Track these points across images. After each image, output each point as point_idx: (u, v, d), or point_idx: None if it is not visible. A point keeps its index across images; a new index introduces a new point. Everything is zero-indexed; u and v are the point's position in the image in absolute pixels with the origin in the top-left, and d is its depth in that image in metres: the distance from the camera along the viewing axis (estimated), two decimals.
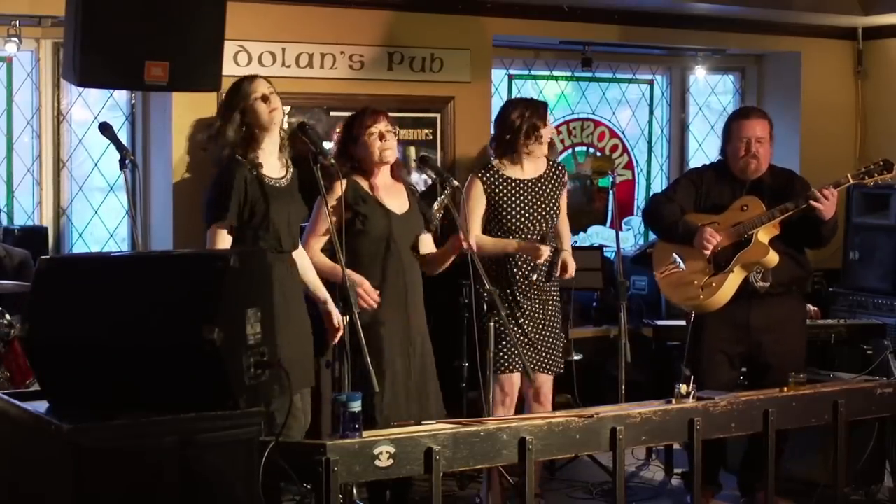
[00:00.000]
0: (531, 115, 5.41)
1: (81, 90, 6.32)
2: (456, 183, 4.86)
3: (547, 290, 5.44)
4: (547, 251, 5.22)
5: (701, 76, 8.31)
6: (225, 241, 4.53)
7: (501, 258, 5.37)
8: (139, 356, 3.41)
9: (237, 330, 3.44)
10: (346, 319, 4.37)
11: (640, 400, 4.91)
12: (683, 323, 5.68)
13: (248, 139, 4.59)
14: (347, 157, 5.01)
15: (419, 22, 6.82)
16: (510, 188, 5.41)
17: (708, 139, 8.42)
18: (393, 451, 3.91)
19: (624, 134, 8.23)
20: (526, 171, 5.46)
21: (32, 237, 6.12)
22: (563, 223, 5.58)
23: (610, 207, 7.90)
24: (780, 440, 4.93)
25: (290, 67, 6.38)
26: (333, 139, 5.99)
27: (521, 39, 7.51)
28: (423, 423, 4.31)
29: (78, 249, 6.50)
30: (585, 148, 8.06)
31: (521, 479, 4.31)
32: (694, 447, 4.60)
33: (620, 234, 5.97)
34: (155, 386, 3.39)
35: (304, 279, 4.75)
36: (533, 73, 7.82)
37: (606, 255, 7.10)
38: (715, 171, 5.59)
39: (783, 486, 5.25)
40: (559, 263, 5.33)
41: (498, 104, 7.47)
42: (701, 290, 5.38)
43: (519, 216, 5.39)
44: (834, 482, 5.03)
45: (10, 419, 3.55)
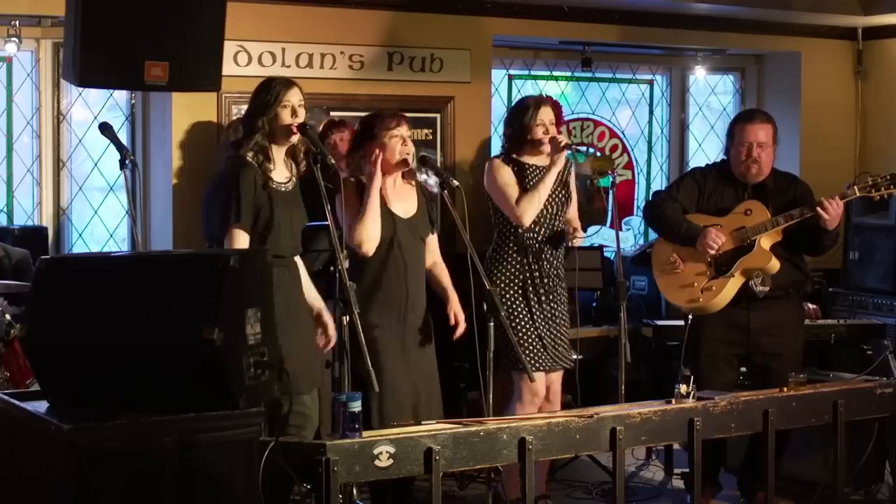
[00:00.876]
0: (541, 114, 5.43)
1: (81, 90, 6.32)
2: (456, 183, 4.85)
3: (557, 287, 5.45)
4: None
5: (701, 76, 8.31)
6: (244, 241, 4.43)
7: (527, 255, 5.37)
8: (139, 356, 3.41)
9: (237, 330, 3.45)
10: (346, 320, 4.36)
11: (640, 400, 4.91)
12: (683, 323, 5.68)
13: (266, 148, 4.52)
14: (360, 153, 4.94)
15: (419, 22, 6.82)
16: (530, 174, 5.41)
17: (708, 139, 8.43)
18: (393, 451, 3.91)
19: (624, 134, 8.23)
20: (538, 160, 5.46)
21: (32, 237, 6.12)
22: (572, 212, 5.62)
23: (610, 207, 7.89)
24: (779, 440, 4.93)
25: (290, 67, 6.38)
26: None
27: (521, 39, 7.51)
28: (423, 423, 4.31)
29: (78, 249, 6.50)
30: (585, 148, 8.06)
31: (521, 479, 4.31)
32: (694, 447, 4.60)
33: (620, 234, 5.95)
34: (155, 386, 3.39)
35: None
36: (533, 73, 7.82)
37: (606, 255, 7.10)
38: (719, 172, 5.58)
39: (783, 486, 5.26)
40: (570, 231, 5.41)
41: (498, 104, 7.50)
42: (701, 292, 5.39)
43: None
44: (834, 482, 5.03)
45: (10, 419, 3.56)
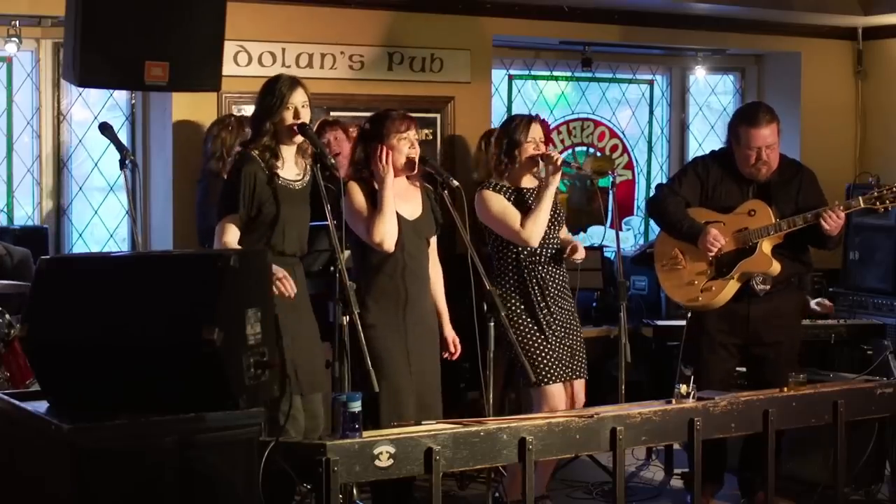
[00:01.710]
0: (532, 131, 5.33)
1: (81, 90, 6.32)
2: (455, 183, 4.85)
3: (565, 298, 5.40)
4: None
5: (701, 76, 8.32)
6: (232, 232, 4.44)
7: (527, 273, 5.33)
8: (139, 356, 3.41)
9: (237, 330, 3.45)
10: (346, 320, 4.36)
11: (640, 400, 4.91)
12: (684, 323, 5.68)
13: (273, 148, 4.53)
14: (367, 151, 4.90)
15: (419, 22, 6.82)
16: (521, 197, 5.32)
17: (708, 139, 8.43)
18: (393, 451, 3.91)
19: (624, 134, 8.23)
20: (524, 182, 5.39)
21: (32, 237, 6.12)
22: (563, 233, 5.52)
23: (610, 207, 7.89)
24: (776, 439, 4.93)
25: (290, 67, 6.37)
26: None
27: (521, 39, 7.51)
28: (423, 423, 4.31)
29: (78, 249, 6.50)
30: (585, 148, 8.06)
31: (522, 479, 4.30)
32: (694, 447, 4.60)
33: (620, 234, 5.96)
34: (155, 386, 3.39)
35: None
36: (533, 73, 7.82)
37: (606, 255, 7.10)
38: (722, 164, 5.52)
39: (783, 486, 5.26)
40: (569, 248, 5.34)
41: (498, 104, 7.50)
42: (700, 292, 5.40)
43: None
44: (834, 482, 5.03)
45: (10, 419, 3.56)
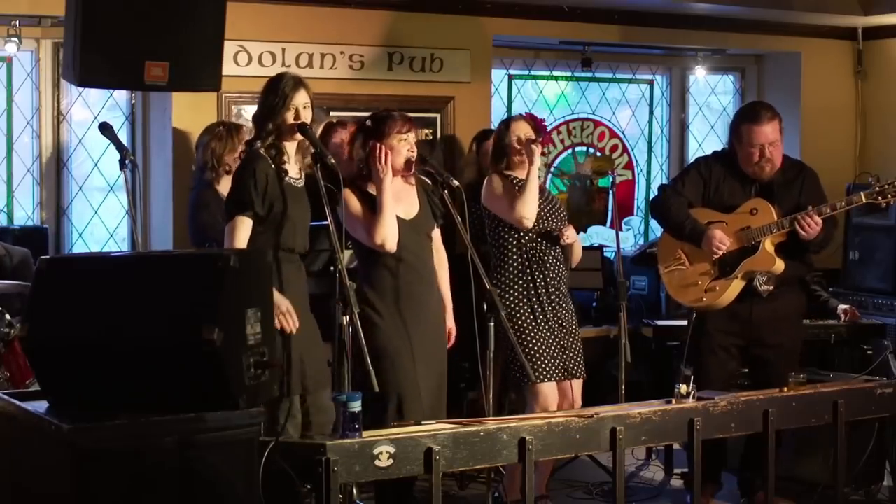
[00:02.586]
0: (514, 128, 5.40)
1: (81, 90, 6.32)
2: (456, 183, 4.85)
3: (563, 296, 5.42)
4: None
5: (701, 76, 8.32)
6: (245, 230, 4.44)
7: (529, 265, 5.35)
8: (139, 356, 3.41)
9: (237, 330, 3.45)
10: (346, 319, 4.37)
11: (640, 400, 4.91)
12: (684, 323, 5.68)
13: (278, 146, 4.55)
14: (364, 150, 4.93)
15: (419, 22, 6.82)
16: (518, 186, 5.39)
17: (708, 139, 8.43)
18: (393, 451, 3.91)
19: (624, 134, 8.23)
20: (521, 174, 5.42)
21: (32, 237, 6.12)
22: None
23: (610, 207, 7.90)
24: (776, 440, 4.93)
25: (289, 67, 6.36)
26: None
27: (521, 39, 7.51)
28: (422, 423, 4.31)
29: (78, 249, 6.50)
30: (585, 148, 8.06)
31: (521, 479, 4.31)
32: (694, 447, 4.60)
33: (620, 234, 5.96)
34: (155, 386, 3.40)
35: None
36: (533, 73, 7.82)
37: (606, 255, 7.10)
38: (724, 164, 5.52)
39: (783, 486, 5.26)
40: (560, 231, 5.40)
41: (498, 104, 7.50)
42: (705, 292, 5.39)
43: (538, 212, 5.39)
44: (834, 482, 5.03)
45: (10, 419, 3.56)
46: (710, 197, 5.49)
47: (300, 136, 4.56)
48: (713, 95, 8.48)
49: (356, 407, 3.87)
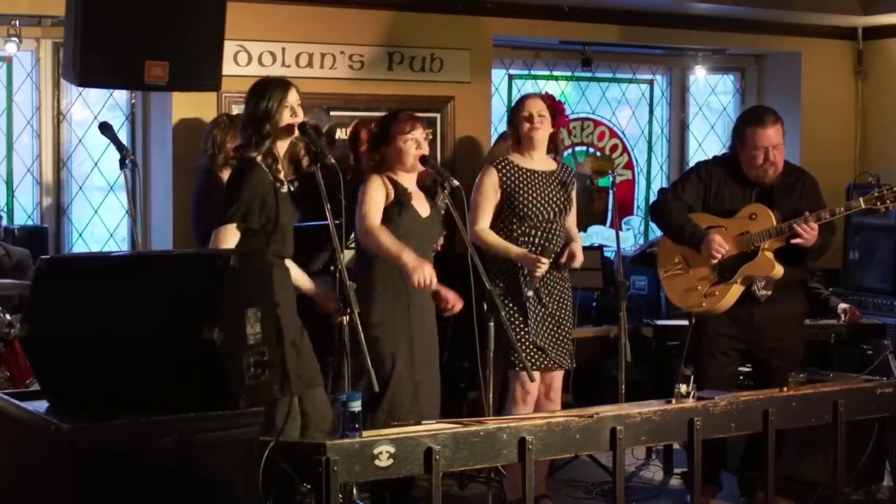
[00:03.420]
0: (527, 105, 5.52)
1: (81, 90, 6.32)
2: (456, 183, 4.86)
3: (563, 286, 5.47)
4: (545, 266, 5.26)
5: (701, 76, 8.31)
6: (230, 241, 4.41)
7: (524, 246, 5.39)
8: (139, 356, 3.41)
9: (237, 330, 3.44)
10: (346, 319, 4.37)
11: (640, 400, 4.91)
12: (684, 323, 5.68)
13: (274, 152, 4.53)
14: (378, 155, 5.07)
15: (419, 22, 6.82)
16: (525, 178, 5.44)
17: (708, 139, 8.43)
18: (393, 450, 3.91)
19: (624, 134, 8.23)
20: (537, 163, 5.48)
21: (32, 237, 6.12)
22: (571, 219, 5.62)
23: (610, 207, 7.90)
24: (779, 440, 4.93)
25: (290, 67, 6.38)
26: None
27: (521, 39, 7.51)
28: (422, 422, 4.31)
29: (78, 249, 6.50)
30: (585, 148, 8.06)
31: (521, 479, 4.30)
32: (694, 447, 4.60)
33: (620, 234, 5.96)
34: (155, 386, 3.40)
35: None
36: (533, 73, 7.82)
37: (606, 255, 7.10)
38: (725, 168, 5.52)
39: (783, 486, 5.26)
40: (566, 252, 5.41)
41: (498, 104, 7.50)
42: (704, 297, 5.40)
43: (532, 205, 5.41)
44: (834, 482, 5.03)
45: (10, 419, 3.56)
46: (710, 202, 5.49)
47: (292, 136, 4.53)
48: (713, 95, 8.48)
49: (356, 407, 3.87)
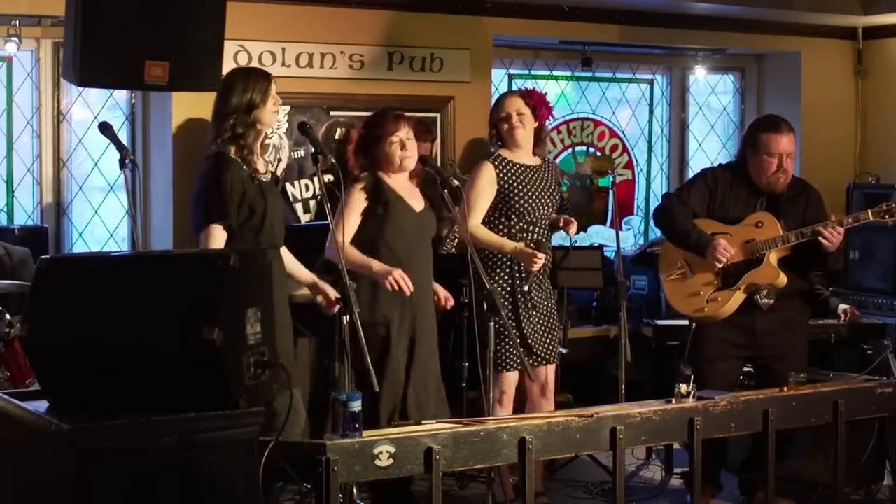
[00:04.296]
0: (505, 105, 5.59)
1: (81, 90, 6.32)
2: (456, 183, 4.87)
3: (544, 281, 5.51)
4: (542, 261, 5.27)
5: (701, 76, 8.31)
6: (218, 240, 4.44)
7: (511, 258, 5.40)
8: (139, 356, 3.41)
9: (237, 330, 3.44)
10: (345, 319, 4.37)
11: (640, 400, 4.91)
12: (684, 323, 5.68)
13: (251, 144, 4.55)
14: (367, 154, 5.07)
15: (419, 22, 6.82)
16: (520, 173, 5.47)
17: (708, 139, 8.43)
18: (393, 450, 3.91)
19: (624, 134, 8.23)
20: (526, 159, 5.50)
21: (32, 237, 6.12)
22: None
23: (610, 207, 7.90)
24: (783, 441, 4.93)
25: (290, 67, 6.38)
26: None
27: (521, 39, 7.51)
28: (422, 422, 4.31)
29: (78, 249, 6.50)
30: (585, 148, 8.06)
31: (520, 479, 4.31)
32: (694, 447, 4.60)
33: (620, 233, 5.96)
34: (155, 386, 3.39)
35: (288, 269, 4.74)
36: (533, 73, 7.82)
37: (606, 254, 7.10)
38: (732, 175, 5.50)
39: (783, 486, 5.26)
40: (562, 218, 5.49)
41: None
42: (706, 303, 5.39)
43: (528, 200, 5.44)
44: (834, 482, 5.03)
45: (10, 419, 3.55)
46: (715, 208, 5.47)
47: (271, 128, 4.56)
48: (713, 95, 8.48)
49: (356, 407, 3.87)
